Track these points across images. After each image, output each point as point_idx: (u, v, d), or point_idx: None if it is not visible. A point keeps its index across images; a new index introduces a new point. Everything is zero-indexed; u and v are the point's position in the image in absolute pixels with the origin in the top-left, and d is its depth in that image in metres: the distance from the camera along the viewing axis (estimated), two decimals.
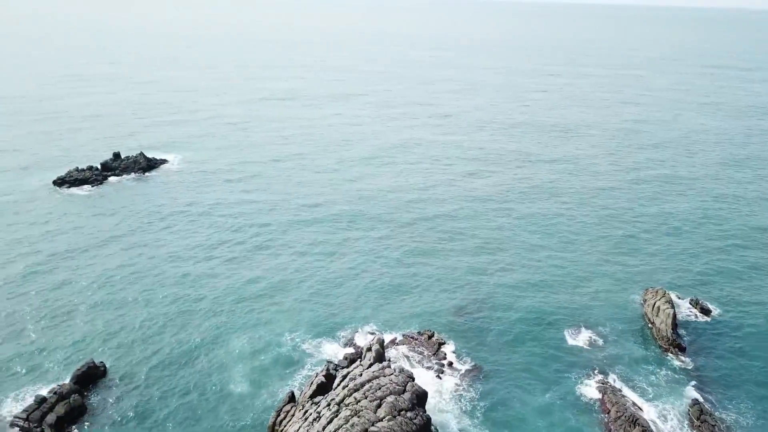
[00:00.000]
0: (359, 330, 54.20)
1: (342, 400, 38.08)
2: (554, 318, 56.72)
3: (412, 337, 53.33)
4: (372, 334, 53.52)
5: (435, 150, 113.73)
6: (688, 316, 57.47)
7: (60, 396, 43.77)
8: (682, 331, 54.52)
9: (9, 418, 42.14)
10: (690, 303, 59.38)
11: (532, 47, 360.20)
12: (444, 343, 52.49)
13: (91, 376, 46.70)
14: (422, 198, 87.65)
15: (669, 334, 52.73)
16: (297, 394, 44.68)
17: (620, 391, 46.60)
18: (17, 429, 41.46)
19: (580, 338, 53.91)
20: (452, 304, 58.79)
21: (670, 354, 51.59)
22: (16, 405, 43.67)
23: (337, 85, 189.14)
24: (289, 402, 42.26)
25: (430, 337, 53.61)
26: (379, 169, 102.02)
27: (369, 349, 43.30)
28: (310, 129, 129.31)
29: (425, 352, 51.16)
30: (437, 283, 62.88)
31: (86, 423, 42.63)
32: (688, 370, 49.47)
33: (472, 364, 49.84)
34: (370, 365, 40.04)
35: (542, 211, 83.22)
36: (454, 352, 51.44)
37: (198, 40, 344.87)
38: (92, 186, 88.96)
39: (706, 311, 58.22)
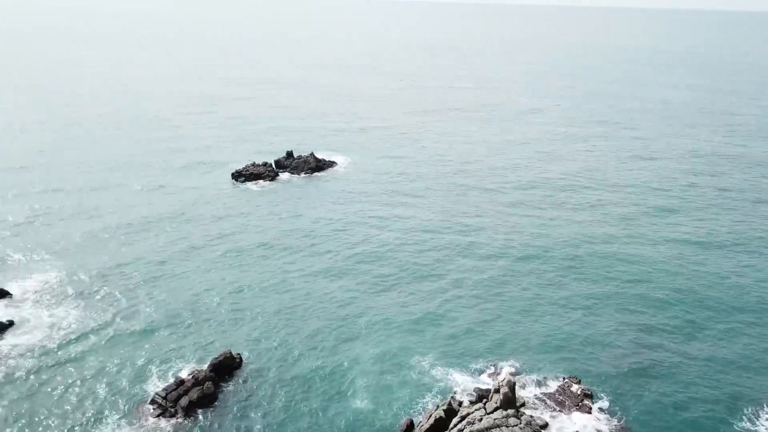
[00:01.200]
0: (496, 364, 49.96)
1: None
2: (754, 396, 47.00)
3: (555, 380, 47.87)
4: (512, 369, 49.07)
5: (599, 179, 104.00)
6: None
7: (196, 381, 45.76)
8: None
9: (151, 394, 44.91)
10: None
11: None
12: (591, 396, 46.25)
13: (226, 366, 48.32)
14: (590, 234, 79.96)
15: None
16: (416, 422, 42.03)
17: None
18: (155, 405, 43.97)
19: None
20: (616, 352, 51.89)
21: None
22: (158, 382, 46.52)
23: (522, 101, 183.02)
24: (405, 431, 39.74)
25: (575, 384, 47.74)
26: (548, 197, 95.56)
27: (497, 391, 39.18)
28: (482, 146, 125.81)
29: (566, 403, 45.48)
30: (601, 322, 56.16)
31: (213, 411, 43.95)
32: None
33: (622, 429, 43.12)
34: (494, 410, 36.03)
35: None
36: (601, 410, 45.02)
37: (391, 45, 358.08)
38: (265, 181, 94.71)
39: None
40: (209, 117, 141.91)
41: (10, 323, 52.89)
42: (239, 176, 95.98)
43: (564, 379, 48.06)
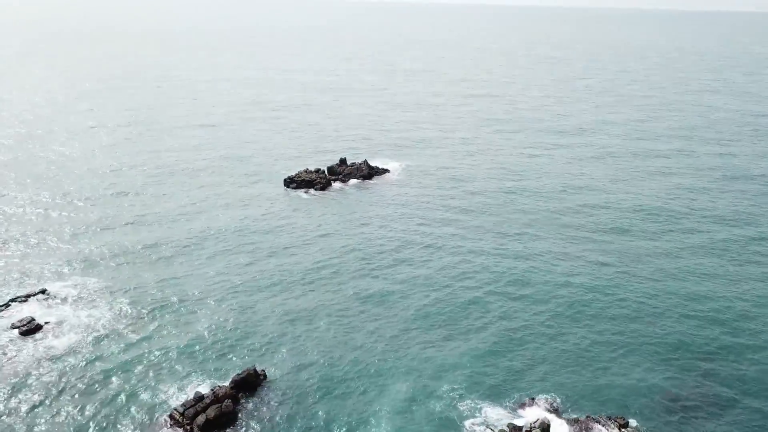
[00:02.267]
0: (533, 399, 46.01)
1: None
2: None
3: (597, 422, 43.49)
4: (549, 407, 45.08)
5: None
6: None
7: (216, 398, 44.48)
8: None
9: (168, 410, 43.99)
10: None
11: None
12: None
13: (249, 384, 46.82)
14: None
15: None
16: None
17: None
18: (173, 420, 42.99)
19: None
20: (669, 389, 46.89)
21: None
22: (178, 396, 45.58)
23: (600, 112, 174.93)
24: None
25: (621, 427, 43.21)
26: (618, 221, 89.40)
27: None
28: (547, 161, 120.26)
29: None
30: (655, 353, 51.06)
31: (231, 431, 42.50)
32: None
33: None
34: None
35: None
36: None
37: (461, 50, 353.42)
38: (315, 189, 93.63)
39: None
40: (272, 123, 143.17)
41: (42, 325, 53.68)
42: (291, 182, 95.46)
43: (608, 419, 43.56)
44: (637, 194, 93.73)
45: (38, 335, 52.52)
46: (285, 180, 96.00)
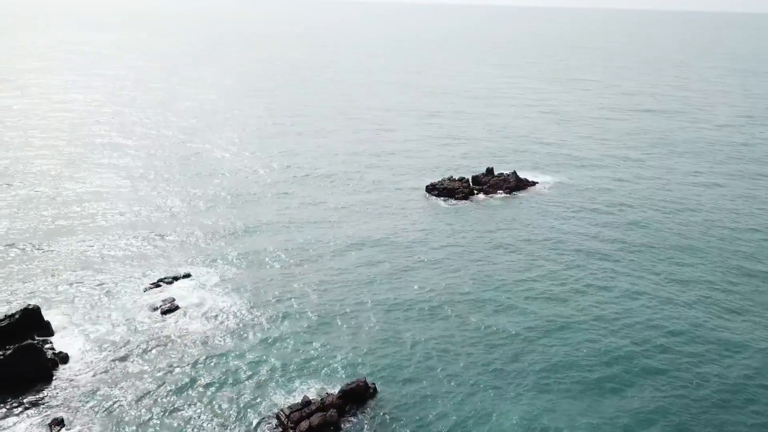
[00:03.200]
0: None
1: None
2: None
3: None
4: None
5: None
6: None
7: (322, 405, 43.70)
8: None
9: (275, 409, 43.99)
10: None
11: None
12: None
13: (357, 395, 45.40)
14: None
15: None
16: None
17: None
18: (278, 421, 42.88)
19: None
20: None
21: None
22: (287, 397, 45.44)
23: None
24: None
25: None
26: None
27: None
28: (723, 191, 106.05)
29: None
30: None
31: None
32: None
33: None
34: None
35: None
36: None
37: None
38: (456, 199, 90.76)
39: None
40: (423, 128, 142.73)
41: (179, 307, 56.92)
42: (433, 189, 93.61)
43: None
44: None
45: (175, 315, 55.81)
46: (427, 186, 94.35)
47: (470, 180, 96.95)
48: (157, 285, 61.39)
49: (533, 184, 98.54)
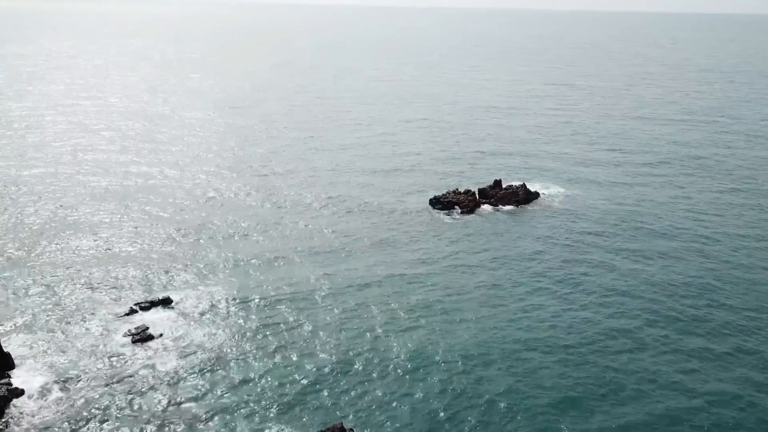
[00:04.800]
0: None
1: None
2: None
3: None
4: None
5: None
6: None
7: None
8: None
9: None
10: None
11: None
12: None
13: None
14: None
15: None
16: None
17: None
18: None
19: None
20: None
21: None
22: None
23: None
24: None
25: None
26: None
27: None
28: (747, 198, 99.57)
29: None
30: None
31: None
32: None
33: None
34: None
35: None
36: None
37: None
38: (459, 213, 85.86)
39: None
40: (431, 137, 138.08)
41: (154, 336, 52.99)
42: (437, 203, 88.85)
43: None
44: None
45: (148, 345, 51.81)
46: (431, 200, 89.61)
47: (476, 193, 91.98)
48: (132, 311, 57.50)
49: (545, 197, 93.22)
